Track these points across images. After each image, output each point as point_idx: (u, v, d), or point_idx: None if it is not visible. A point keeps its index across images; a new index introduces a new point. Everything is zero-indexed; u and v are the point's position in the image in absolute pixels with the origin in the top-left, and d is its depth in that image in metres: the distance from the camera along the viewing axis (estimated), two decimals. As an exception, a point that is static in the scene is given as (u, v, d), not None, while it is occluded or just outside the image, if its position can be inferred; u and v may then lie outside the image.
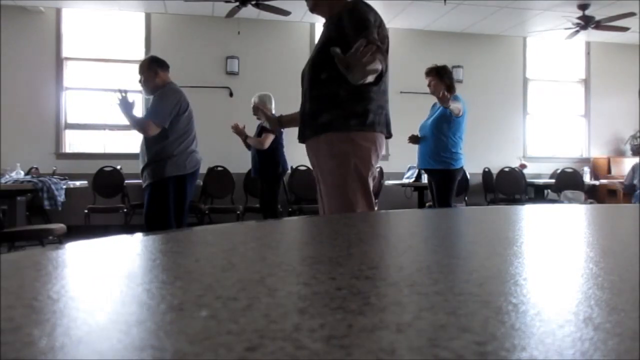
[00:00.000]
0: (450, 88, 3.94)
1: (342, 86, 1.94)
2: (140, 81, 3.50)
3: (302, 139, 2.15)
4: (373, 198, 2.03)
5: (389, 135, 2.09)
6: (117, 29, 6.84)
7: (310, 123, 2.05)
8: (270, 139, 4.66)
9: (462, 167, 3.92)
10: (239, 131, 4.73)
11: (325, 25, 2.13)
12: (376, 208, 2.14)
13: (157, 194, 3.39)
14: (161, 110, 3.34)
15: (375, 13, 2.00)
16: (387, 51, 2.04)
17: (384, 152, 2.10)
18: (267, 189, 4.90)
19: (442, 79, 3.93)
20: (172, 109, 3.37)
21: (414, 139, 4.11)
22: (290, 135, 5.15)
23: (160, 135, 3.35)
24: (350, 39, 1.90)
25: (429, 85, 4.00)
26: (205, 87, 6.78)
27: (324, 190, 2.05)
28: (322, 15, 2.17)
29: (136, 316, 0.29)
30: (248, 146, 4.85)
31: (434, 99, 4.12)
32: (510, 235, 0.73)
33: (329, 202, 2.01)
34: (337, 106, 1.97)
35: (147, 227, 3.45)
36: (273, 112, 4.88)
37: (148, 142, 3.40)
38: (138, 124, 3.37)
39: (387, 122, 2.06)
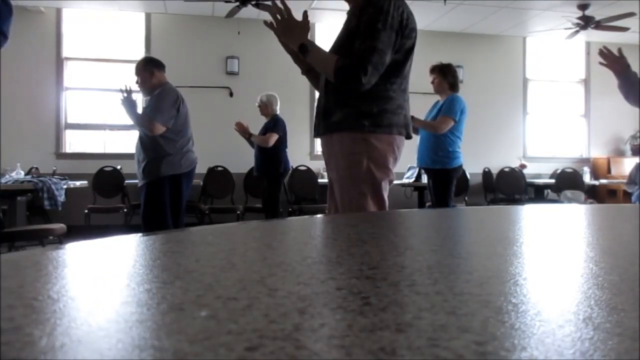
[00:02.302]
0: (454, 86, 3.94)
1: None
2: (137, 82, 3.51)
3: (316, 134, 2.03)
4: (386, 202, 1.90)
5: (408, 136, 1.96)
6: (117, 29, 6.84)
7: (323, 120, 1.94)
8: (274, 138, 4.71)
9: (460, 166, 3.91)
10: (242, 129, 4.78)
11: (348, 15, 1.98)
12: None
13: (153, 194, 3.40)
14: (165, 111, 3.35)
15: (401, 4, 1.84)
16: (413, 46, 1.91)
17: (401, 154, 1.95)
18: (267, 187, 4.93)
19: (445, 77, 3.92)
20: (173, 109, 3.39)
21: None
22: (291, 135, 5.17)
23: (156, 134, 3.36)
24: (357, 37, 1.81)
25: (432, 83, 4.00)
26: (205, 87, 6.78)
27: (336, 189, 1.94)
28: (347, 2, 2.00)
29: (136, 316, 0.29)
30: (252, 144, 4.89)
31: (434, 99, 4.13)
32: (510, 235, 0.73)
33: (341, 202, 1.91)
34: (350, 105, 1.85)
35: (145, 227, 3.46)
36: (278, 112, 4.93)
37: (143, 142, 3.41)
38: (143, 124, 3.35)
39: (406, 123, 1.92)
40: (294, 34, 1.89)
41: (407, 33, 1.85)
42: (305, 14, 1.91)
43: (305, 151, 6.66)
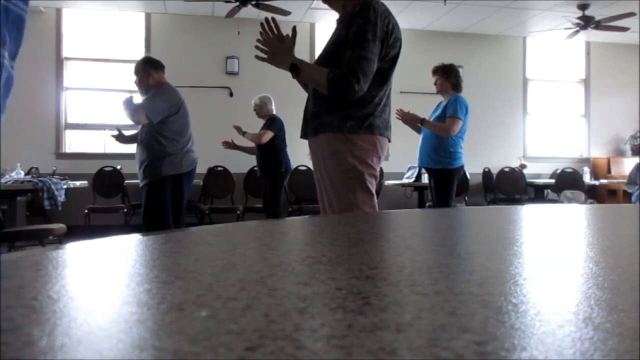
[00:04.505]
0: (457, 87, 3.94)
1: None
2: (135, 82, 3.54)
3: (304, 135, 2.15)
4: (375, 196, 2.02)
5: (389, 139, 2.07)
6: (117, 29, 6.84)
7: (311, 122, 2.05)
8: (268, 135, 4.72)
9: (461, 166, 3.91)
10: (237, 128, 4.84)
11: (337, 23, 2.08)
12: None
13: (154, 194, 3.41)
14: (154, 105, 3.39)
15: (387, 16, 1.96)
16: (398, 55, 2.03)
17: (385, 154, 2.08)
18: (269, 187, 4.94)
19: (448, 77, 3.92)
20: (166, 107, 3.40)
21: (405, 115, 3.90)
22: (291, 135, 5.17)
23: (155, 134, 3.38)
24: (345, 46, 1.91)
25: (435, 84, 4.00)
26: (205, 87, 6.78)
27: (324, 189, 2.05)
28: (335, 9, 2.11)
29: (136, 316, 0.29)
30: (252, 152, 4.97)
31: (434, 98, 4.12)
32: (510, 235, 0.73)
33: (329, 201, 2.02)
34: (337, 108, 1.96)
35: (145, 227, 3.47)
36: (274, 112, 4.95)
37: (144, 142, 3.42)
38: (130, 109, 3.44)
39: (387, 126, 2.05)
40: (282, 57, 2.00)
41: (392, 42, 1.97)
42: (293, 29, 2.02)
43: (305, 151, 6.59)
